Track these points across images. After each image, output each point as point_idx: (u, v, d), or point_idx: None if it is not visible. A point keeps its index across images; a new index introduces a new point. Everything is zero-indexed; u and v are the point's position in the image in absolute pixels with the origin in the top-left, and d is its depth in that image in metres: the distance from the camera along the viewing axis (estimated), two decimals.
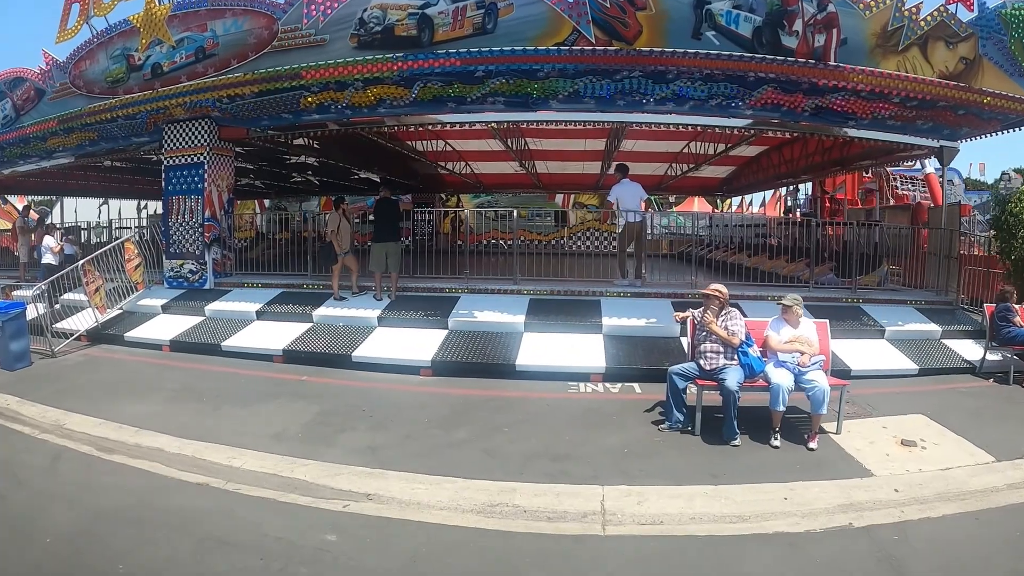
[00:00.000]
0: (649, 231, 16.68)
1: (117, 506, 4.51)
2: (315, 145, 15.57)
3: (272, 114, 10.62)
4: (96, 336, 10.00)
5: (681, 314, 6.60)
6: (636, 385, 7.53)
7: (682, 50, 8.37)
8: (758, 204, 28.85)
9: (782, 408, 5.81)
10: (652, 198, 27.14)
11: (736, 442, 5.73)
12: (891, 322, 9.15)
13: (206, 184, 11.27)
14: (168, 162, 11.64)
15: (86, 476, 5.08)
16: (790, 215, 22.38)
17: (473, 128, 14.73)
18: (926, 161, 17.56)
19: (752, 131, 11.91)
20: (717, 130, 13.99)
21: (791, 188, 23.22)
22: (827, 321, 6.79)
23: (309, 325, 9.34)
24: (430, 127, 14.85)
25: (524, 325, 8.72)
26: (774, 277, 11.68)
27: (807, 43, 8.60)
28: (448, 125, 10.55)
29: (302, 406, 6.65)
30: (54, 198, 25.31)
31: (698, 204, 29.99)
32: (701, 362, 6.17)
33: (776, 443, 5.75)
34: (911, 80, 8.72)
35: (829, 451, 5.62)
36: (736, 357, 6.11)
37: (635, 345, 8.23)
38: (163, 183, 11.74)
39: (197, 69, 10.86)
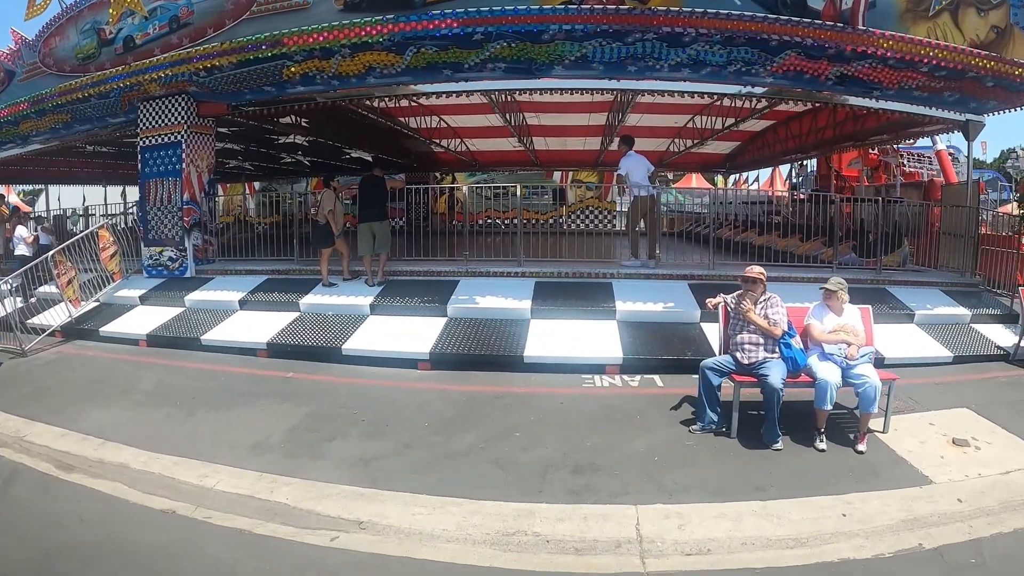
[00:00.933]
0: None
1: (72, 541, 3.84)
2: (303, 123, 14.71)
3: (253, 87, 9.83)
4: (70, 332, 9.29)
5: (713, 300, 5.91)
6: (657, 377, 6.85)
7: (701, 10, 7.72)
8: (753, 181, 28.12)
9: (829, 407, 5.17)
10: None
11: (778, 445, 5.10)
12: (920, 305, 8.55)
13: (184, 165, 10.45)
14: (144, 142, 10.81)
15: (41, 503, 4.41)
16: (794, 193, 21.79)
17: (469, 103, 13.98)
18: (937, 137, 17.11)
19: (771, 100, 11.15)
20: (727, 103, 13.35)
21: (798, 164, 22.59)
22: (870, 307, 6.22)
23: (296, 315, 8.60)
24: (423, 100, 14.06)
25: (531, 311, 8.02)
26: (788, 257, 11.01)
27: (834, 5, 8.08)
28: (444, 96, 9.73)
29: (286, 408, 5.94)
30: (40, 187, 24.45)
31: (696, 181, 29.46)
32: (738, 355, 5.49)
33: (822, 446, 5.14)
34: (941, 48, 8.22)
35: (879, 454, 5.04)
36: (778, 349, 5.44)
37: (653, 333, 7.55)
38: (139, 165, 10.93)
39: (171, 40, 10.21)
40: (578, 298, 8.28)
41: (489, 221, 17.99)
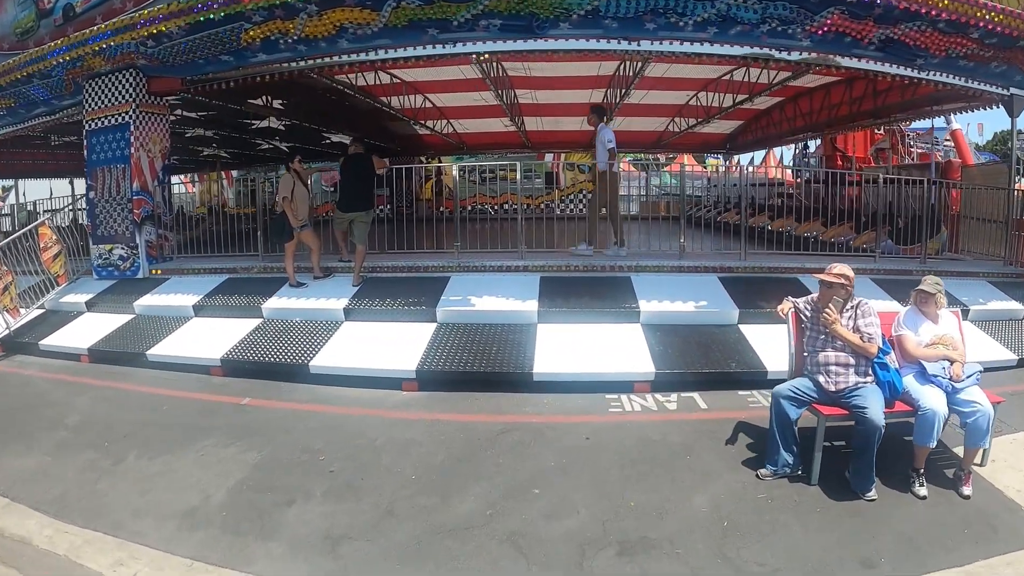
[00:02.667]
0: (646, 191, 15.15)
1: None
2: (278, 105, 13.50)
3: (209, 57, 8.41)
4: (9, 345, 7.96)
5: (784, 307, 4.64)
6: (697, 396, 5.62)
7: None
8: (747, 164, 26.94)
9: (934, 444, 4.03)
10: (639, 157, 25.46)
11: (872, 495, 3.94)
12: (972, 299, 7.47)
13: (133, 149, 9.04)
14: (89, 126, 9.43)
15: None
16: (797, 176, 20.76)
17: (456, 79, 12.80)
18: (951, 117, 16.25)
19: (798, 69, 9.97)
20: (738, 77, 12.25)
21: (802, 145, 21.45)
22: (958, 311, 5.16)
23: (257, 322, 7.25)
24: (405, 76, 12.84)
25: (537, 314, 6.74)
26: (808, 244, 9.82)
27: None
28: (428, 64, 8.43)
29: (235, 453, 4.62)
30: (11, 183, 23.04)
31: (688, 163, 28.36)
32: (821, 379, 4.26)
33: (923, 492, 4.00)
34: (998, 11, 7.30)
35: (986, 496, 3.98)
36: (872, 371, 4.21)
37: (686, 339, 6.32)
38: (85, 152, 9.56)
39: (114, 5, 9.09)
40: (593, 296, 7.01)
41: (479, 207, 16.76)
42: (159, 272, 9.04)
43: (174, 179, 12.13)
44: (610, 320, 6.62)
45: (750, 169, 20.77)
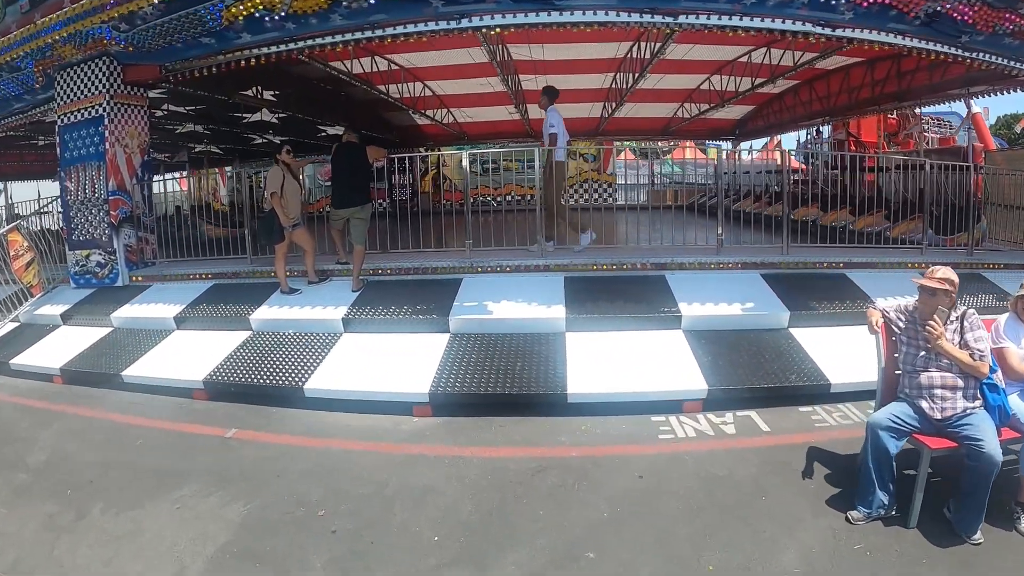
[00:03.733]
0: (655, 181, 14.37)
1: None
2: (268, 96, 12.70)
3: (188, 39, 7.64)
4: None
5: (876, 319, 3.86)
6: (754, 415, 4.87)
7: None
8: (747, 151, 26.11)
9: None
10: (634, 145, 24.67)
11: (978, 537, 3.26)
12: None
13: (108, 145, 8.24)
14: (62, 120, 8.64)
15: None
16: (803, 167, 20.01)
17: (458, 65, 12.08)
18: (971, 101, 15.62)
19: (831, 44, 9.18)
20: (756, 59, 11.50)
21: (814, 131, 20.66)
22: None
23: (246, 335, 6.45)
24: (404, 62, 12.03)
25: (565, 321, 5.95)
26: (843, 236, 9.03)
27: None
28: (428, 42, 7.65)
29: (217, 505, 3.83)
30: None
31: (690, 152, 27.54)
32: (924, 405, 3.50)
33: None
34: None
35: None
36: (981, 393, 3.46)
37: (734, 346, 5.56)
38: (58, 149, 8.76)
39: None
40: (627, 299, 6.22)
41: (482, 199, 15.93)
42: (140, 279, 8.26)
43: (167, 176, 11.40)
44: (649, 327, 5.86)
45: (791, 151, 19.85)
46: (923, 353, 3.59)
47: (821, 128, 20.03)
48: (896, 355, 3.80)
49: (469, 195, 7.89)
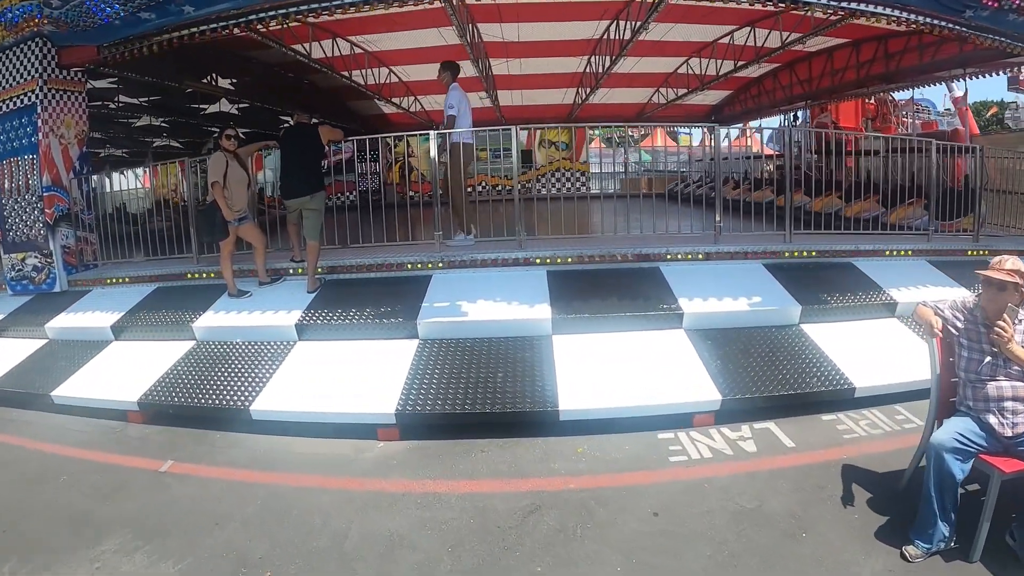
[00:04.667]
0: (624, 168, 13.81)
1: None
2: (226, 85, 12.12)
3: (126, 16, 6.76)
4: None
5: (934, 320, 3.24)
6: (773, 427, 4.29)
7: None
8: (723, 137, 25.81)
9: None
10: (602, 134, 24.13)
11: None
12: None
13: (41, 136, 7.38)
14: None
15: None
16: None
17: (424, 47, 11.46)
18: (953, 85, 15.44)
19: (825, 23, 8.69)
20: (740, 39, 10.97)
21: (791, 116, 20.30)
22: None
23: (188, 346, 5.67)
24: (368, 43, 11.24)
25: (551, 323, 5.28)
26: (834, 222, 8.49)
27: None
28: (396, 11, 6.86)
29: (142, 565, 3.07)
30: None
31: (662, 139, 27.18)
32: (992, 420, 2.93)
33: None
34: None
35: None
36: None
37: (744, 348, 4.97)
38: None
39: None
40: (619, 295, 5.57)
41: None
42: (80, 283, 7.43)
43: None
44: (646, 326, 5.24)
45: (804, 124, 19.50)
46: (989, 359, 3.01)
47: (798, 113, 19.69)
48: (951, 359, 3.20)
49: (436, 183, 7.12)
